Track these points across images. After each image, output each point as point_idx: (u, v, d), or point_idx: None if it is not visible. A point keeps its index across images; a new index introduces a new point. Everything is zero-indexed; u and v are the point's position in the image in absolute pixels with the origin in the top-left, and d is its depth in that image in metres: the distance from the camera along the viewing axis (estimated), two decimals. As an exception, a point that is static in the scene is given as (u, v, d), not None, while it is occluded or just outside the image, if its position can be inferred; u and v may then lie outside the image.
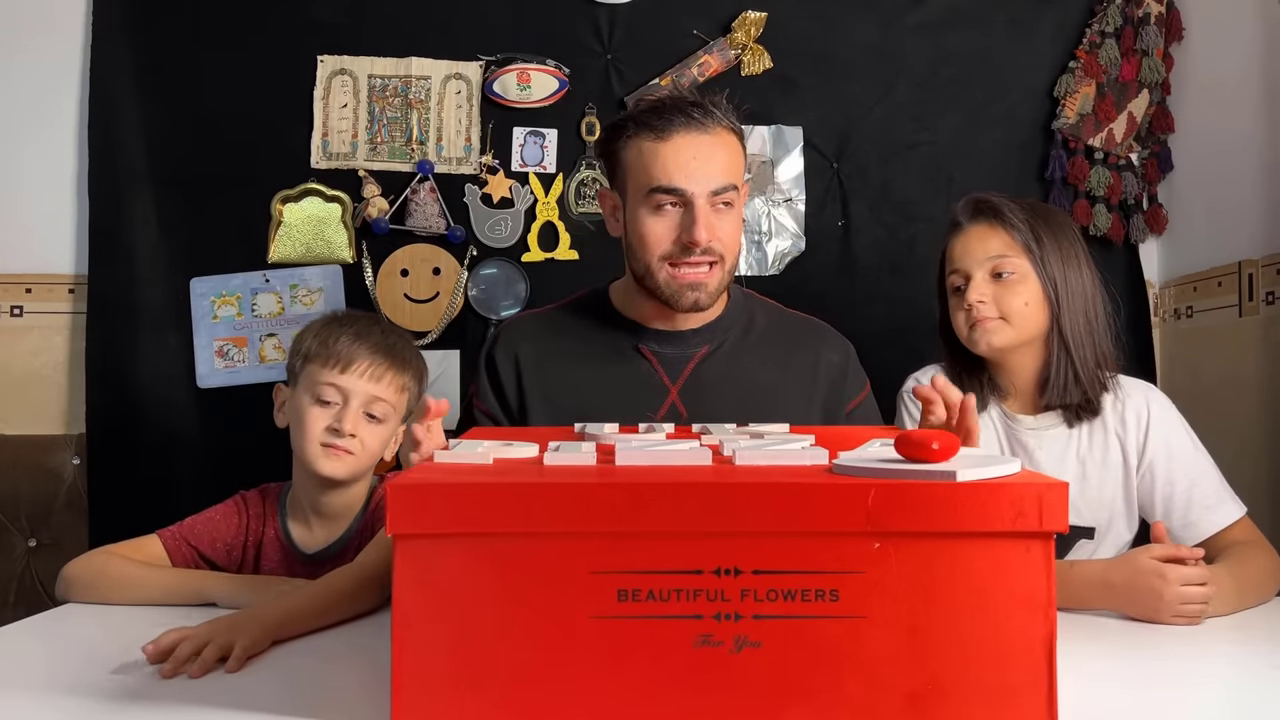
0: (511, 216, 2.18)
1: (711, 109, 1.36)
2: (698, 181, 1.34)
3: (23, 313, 2.17)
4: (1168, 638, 1.11)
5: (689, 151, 1.34)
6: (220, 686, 0.94)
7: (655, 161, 1.34)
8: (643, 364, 1.43)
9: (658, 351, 1.44)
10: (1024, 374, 1.50)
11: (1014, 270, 1.45)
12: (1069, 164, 2.22)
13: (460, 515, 0.75)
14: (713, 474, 0.80)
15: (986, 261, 1.46)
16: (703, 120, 1.35)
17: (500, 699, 0.76)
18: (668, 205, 1.35)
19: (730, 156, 1.37)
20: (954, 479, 0.75)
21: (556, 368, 1.44)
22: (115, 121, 2.13)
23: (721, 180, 1.35)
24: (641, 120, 1.36)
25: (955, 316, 1.50)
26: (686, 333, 1.44)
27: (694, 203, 1.34)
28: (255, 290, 2.14)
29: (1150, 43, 2.21)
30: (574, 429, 1.19)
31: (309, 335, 1.46)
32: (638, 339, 1.44)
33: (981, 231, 1.49)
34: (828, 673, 0.76)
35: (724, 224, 1.37)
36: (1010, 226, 1.47)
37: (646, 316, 1.44)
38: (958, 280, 1.49)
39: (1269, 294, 1.95)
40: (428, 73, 2.18)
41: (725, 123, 1.37)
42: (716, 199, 1.35)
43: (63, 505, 2.10)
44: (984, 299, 1.45)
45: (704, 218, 1.34)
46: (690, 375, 1.42)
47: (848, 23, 2.23)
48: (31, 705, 0.90)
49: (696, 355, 1.43)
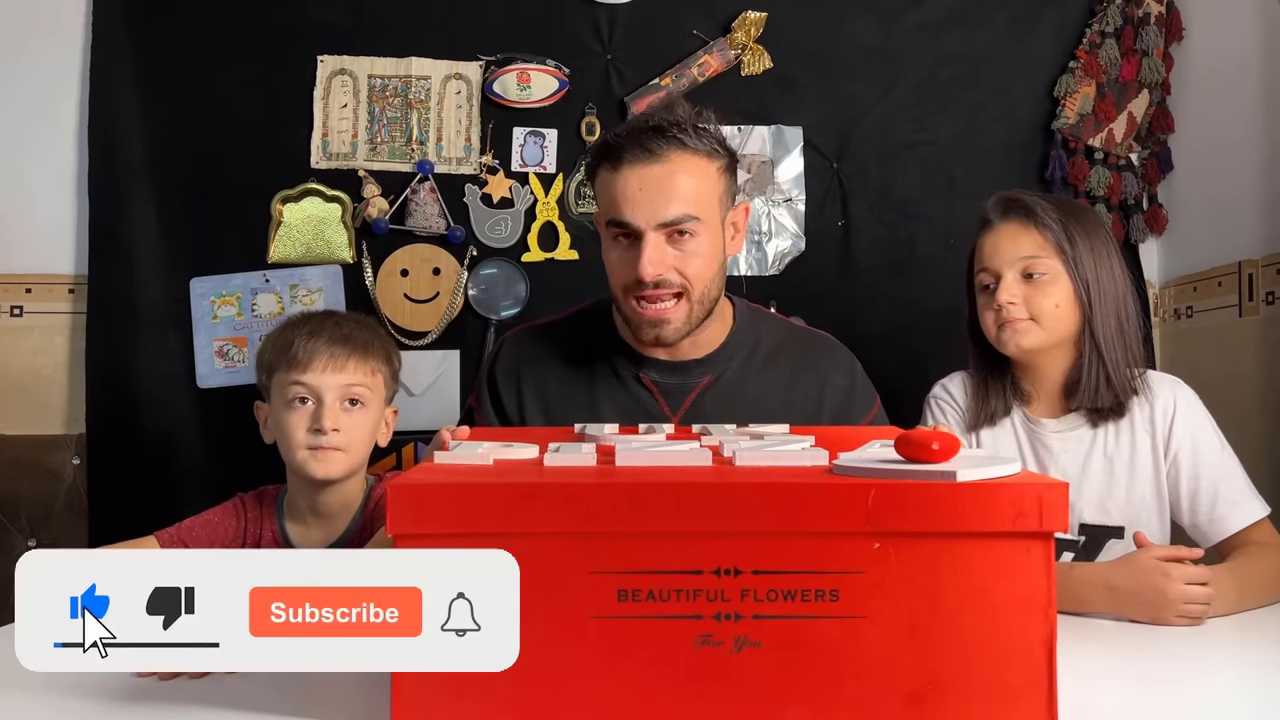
0: (511, 216, 2.18)
1: (672, 133, 1.29)
2: (644, 215, 1.28)
3: (23, 313, 2.17)
4: (1168, 638, 1.11)
5: (635, 183, 1.28)
6: (220, 687, 0.94)
7: (609, 193, 1.31)
8: (644, 394, 1.40)
9: (659, 382, 1.40)
10: (1051, 376, 1.48)
11: (1045, 271, 1.43)
12: (1069, 164, 2.21)
13: (460, 515, 0.75)
14: (713, 474, 0.80)
15: (1018, 261, 1.44)
16: (655, 149, 1.28)
17: (500, 699, 0.76)
18: (620, 238, 1.32)
19: (691, 183, 1.29)
20: (954, 479, 0.75)
21: (558, 391, 1.42)
22: (115, 121, 2.13)
23: (675, 211, 1.28)
24: (603, 150, 1.33)
25: (984, 316, 1.47)
26: (689, 363, 1.41)
27: (643, 236, 1.29)
28: (255, 290, 2.14)
29: (1150, 43, 2.21)
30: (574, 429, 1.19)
31: (268, 347, 1.46)
32: (639, 368, 1.41)
33: (1012, 230, 1.46)
34: (828, 673, 0.76)
35: (684, 254, 1.30)
36: (1043, 226, 1.44)
37: (642, 344, 1.40)
38: (987, 279, 1.47)
39: (1269, 294, 1.95)
40: (428, 73, 2.18)
41: (688, 146, 1.29)
42: (670, 229, 1.29)
43: (63, 505, 2.10)
44: (1014, 300, 1.43)
45: (651, 251, 1.28)
46: (691, 405, 1.39)
47: (848, 23, 2.23)
48: (32, 705, 0.90)
49: (698, 386, 1.40)
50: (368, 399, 1.43)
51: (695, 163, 1.31)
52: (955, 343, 1.60)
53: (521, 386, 1.44)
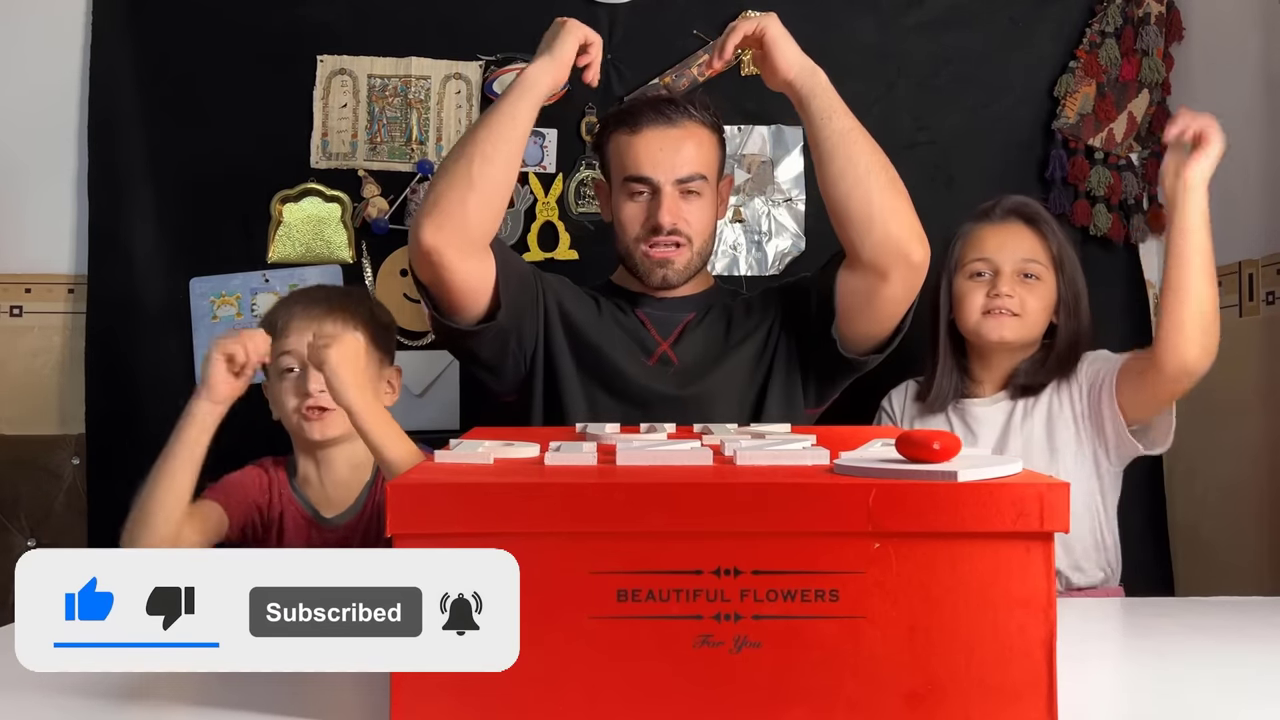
0: (511, 216, 2.17)
1: (683, 104, 1.54)
2: (664, 170, 1.51)
3: (22, 313, 2.17)
4: (1168, 638, 1.11)
5: (656, 144, 1.52)
6: (220, 687, 0.94)
7: (628, 153, 1.53)
8: (638, 325, 1.61)
9: (651, 314, 1.62)
10: (1002, 370, 1.60)
11: (1040, 277, 1.55)
12: (1069, 164, 2.21)
13: (460, 515, 0.75)
14: (713, 474, 0.80)
15: (1019, 260, 1.56)
16: (670, 115, 1.52)
17: (500, 699, 0.76)
18: (639, 193, 1.53)
19: (699, 148, 1.54)
20: (955, 479, 0.75)
21: (573, 306, 1.59)
22: (115, 121, 2.13)
23: (688, 169, 1.52)
24: (619, 118, 1.57)
25: (970, 300, 1.57)
26: (677, 300, 1.62)
27: (661, 189, 1.51)
28: (255, 290, 2.14)
29: (1150, 43, 2.21)
30: (575, 429, 1.19)
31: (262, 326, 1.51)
32: (634, 305, 1.62)
33: (1019, 230, 1.58)
34: (827, 673, 0.76)
35: (691, 209, 1.54)
36: (1048, 236, 1.58)
37: (638, 289, 1.62)
38: (983, 268, 1.57)
39: (1269, 294, 1.95)
40: (427, 73, 2.18)
41: (696, 117, 1.54)
42: (683, 186, 1.52)
43: (62, 505, 2.09)
44: (1012, 294, 1.54)
45: (669, 203, 1.51)
46: (679, 334, 1.60)
47: (848, 23, 2.22)
48: (31, 705, 0.90)
49: (684, 320, 1.61)
50: None
51: (702, 132, 1.56)
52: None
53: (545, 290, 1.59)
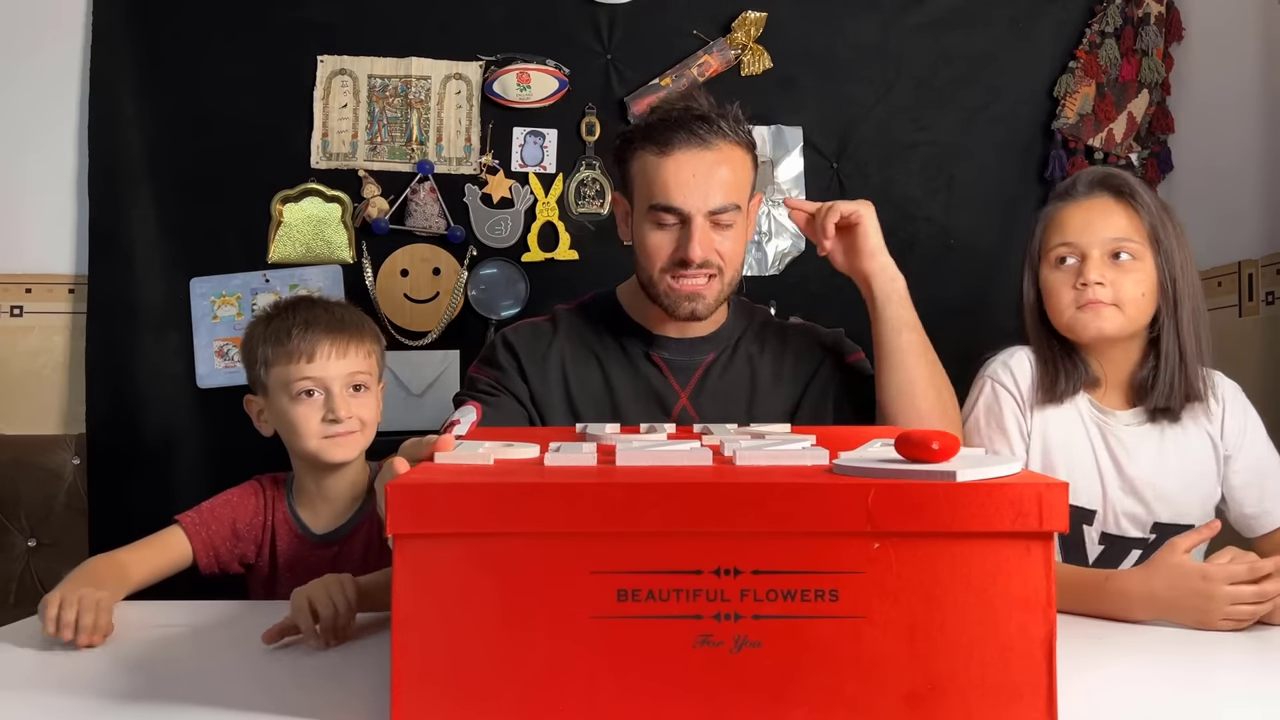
0: (511, 216, 2.18)
1: (718, 123, 1.35)
2: (696, 201, 1.34)
3: (23, 313, 2.17)
4: (1168, 638, 1.11)
5: (689, 169, 1.34)
6: (220, 686, 0.94)
7: (657, 178, 1.35)
8: (653, 371, 1.46)
9: (668, 359, 1.46)
10: (1121, 368, 1.40)
11: (1135, 255, 1.34)
12: (1069, 164, 2.21)
13: (460, 515, 0.75)
14: (713, 474, 0.80)
15: (1109, 241, 1.35)
16: (705, 136, 1.34)
17: (500, 699, 0.76)
18: (667, 222, 1.37)
19: (734, 173, 1.36)
20: (954, 479, 0.75)
21: (575, 370, 1.45)
22: (115, 121, 2.13)
23: (721, 200, 1.35)
24: (647, 133, 1.37)
25: (1059, 293, 1.38)
26: (696, 340, 1.47)
27: (692, 220, 1.35)
28: (255, 290, 2.14)
29: (1150, 43, 2.21)
30: (575, 429, 1.19)
31: (258, 341, 1.48)
32: (650, 346, 1.47)
33: (1106, 206, 1.37)
34: (827, 673, 0.76)
35: (724, 240, 1.37)
36: (1140, 207, 1.36)
37: (655, 322, 1.46)
38: (1067, 253, 1.37)
39: (1269, 294, 1.95)
40: (428, 73, 2.18)
41: (730, 137, 1.36)
42: (715, 218, 1.36)
43: (63, 505, 2.09)
44: (1103, 281, 1.34)
45: (700, 235, 1.35)
46: (698, 381, 1.46)
47: (848, 23, 2.23)
48: (31, 705, 0.90)
49: (704, 362, 1.46)
50: (369, 382, 1.49)
51: (737, 153, 1.38)
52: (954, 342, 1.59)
53: (524, 366, 1.45)
